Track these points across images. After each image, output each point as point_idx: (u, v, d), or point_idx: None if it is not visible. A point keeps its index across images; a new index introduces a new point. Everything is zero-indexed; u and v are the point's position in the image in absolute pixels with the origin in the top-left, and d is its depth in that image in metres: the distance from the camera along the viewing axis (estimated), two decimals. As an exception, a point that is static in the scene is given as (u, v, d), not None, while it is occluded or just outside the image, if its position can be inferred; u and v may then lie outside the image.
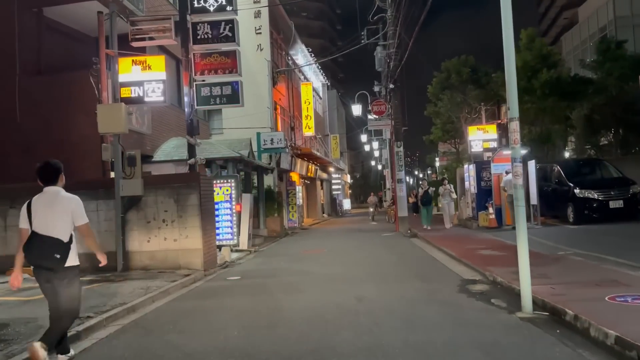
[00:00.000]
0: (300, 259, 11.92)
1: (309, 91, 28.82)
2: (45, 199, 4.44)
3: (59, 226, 4.36)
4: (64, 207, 4.42)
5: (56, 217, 4.37)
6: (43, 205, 4.41)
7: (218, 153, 15.46)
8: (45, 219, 4.35)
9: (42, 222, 4.35)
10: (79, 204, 4.53)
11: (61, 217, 4.38)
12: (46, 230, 4.33)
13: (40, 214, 4.37)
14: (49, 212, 4.38)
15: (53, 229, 4.34)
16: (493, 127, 18.64)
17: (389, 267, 9.96)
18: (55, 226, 4.34)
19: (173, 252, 10.45)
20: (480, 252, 11.10)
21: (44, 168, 4.51)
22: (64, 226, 4.38)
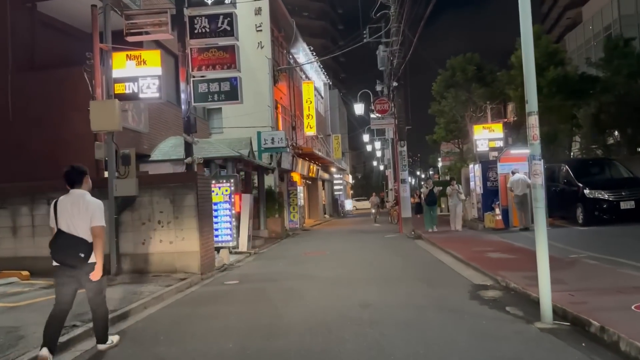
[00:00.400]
0: (301, 262, 11.50)
1: (310, 90, 28.38)
2: (71, 200, 4.74)
3: (83, 227, 4.65)
4: (87, 209, 4.70)
5: (80, 218, 4.66)
6: (68, 206, 4.70)
7: (217, 152, 15.04)
8: (70, 220, 4.64)
9: (67, 222, 4.65)
10: (99, 207, 4.84)
11: (84, 218, 4.66)
12: (71, 230, 4.62)
13: (65, 214, 4.66)
14: (75, 213, 4.66)
15: (78, 229, 4.64)
16: (499, 126, 18.16)
17: (394, 270, 9.52)
18: (79, 226, 4.64)
19: (169, 255, 10.03)
20: (488, 254, 10.67)
21: (70, 172, 4.85)
22: (87, 227, 4.67)
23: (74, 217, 4.67)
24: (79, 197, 4.78)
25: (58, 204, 4.75)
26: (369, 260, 11.19)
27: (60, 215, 4.69)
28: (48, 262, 10.40)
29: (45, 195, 10.53)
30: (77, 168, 4.91)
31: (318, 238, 18.94)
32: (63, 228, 4.66)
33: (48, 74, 12.53)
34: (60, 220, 4.68)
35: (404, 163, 19.64)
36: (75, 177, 4.86)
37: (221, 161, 15.05)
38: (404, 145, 19.67)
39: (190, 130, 10.70)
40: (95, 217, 4.74)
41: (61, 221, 4.67)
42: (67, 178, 4.86)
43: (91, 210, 4.72)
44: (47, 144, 12.29)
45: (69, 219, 4.66)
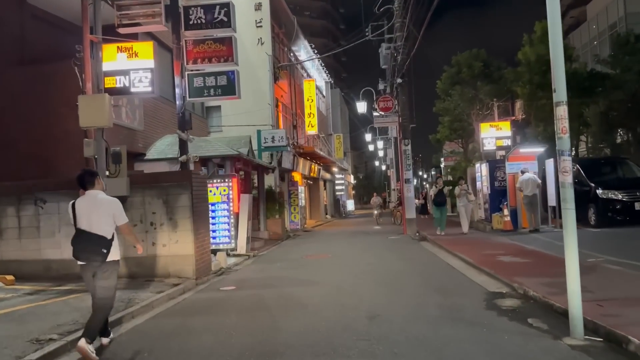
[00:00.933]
0: (302, 266, 10.93)
1: (312, 88, 27.79)
2: (87, 201, 4.99)
3: (103, 225, 4.89)
4: (105, 208, 4.96)
5: (100, 217, 4.90)
6: (86, 206, 4.94)
7: (215, 151, 14.48)
8: (89, 218, 4.87)
9: (87, 221, 4.88)
10: (118, 206, 5.08)
11: (104, 216, 4.91)
12: (91, 228, 4.86)
13: (84, 214, 4.89)
14: (93, 212, 4.90)
15: (97, 227, 4.87)
16: (507, 124, 17.55)
17: (401, 276, 8.94)
18: (99, 224, 4.87)
19: (162, 259, 9.47)
20: (500, 258, 10.10)
21: (82, 176, 5.13)
22: (106, 225, 4.92)
23: (92, 215, 4.90)
24: (94, 196, 5.03)
25: (76, 205, 5.00)
26: (374, 264, 10.61)
27: (80, 215, 4.92)
28: (35, 266, 9.92)
29: (33, 196, 10.00)
30: (88, 171, 5.29)
31: (320, 240, 18.36)
32: (83, 227, 4.91)
33: (38, 69, 12.00)
34: (79, 220, 4.92)
35: (408, 162, 19.07)
36: (87, 179, 5.10)
37: (219, 160, 14.48)
38: (408, 144, 19.09)
39: (185, 126, 10.14)
40: (117, 216, 5.03)
41: (81, 221, 4.92)
42: (79, 181, 5.12)
43: (112, 209, 5.00)
44: (36, 141, 11.76)
45: (88, 218, 4.90)
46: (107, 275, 4.99)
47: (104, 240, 4.88)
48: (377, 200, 27.96)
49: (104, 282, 4.98)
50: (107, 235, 4.92)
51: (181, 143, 10.25)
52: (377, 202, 27.74)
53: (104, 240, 4.88)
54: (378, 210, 27.09)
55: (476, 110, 20.35)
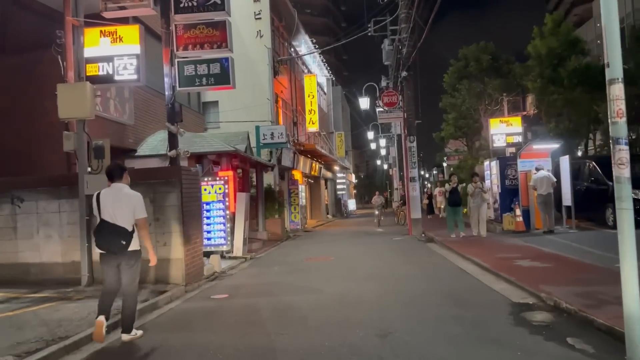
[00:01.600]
0: (302, 270, 10.09)
1: (312, 84, 26.93)
2: (112, 193, 5.18)
3: (124, 217, 5.07)
4: (127, 201, 5.13)
5: (122, 210, 5.08)
6: (110, 198, 5.13)
7: (210, 147, 13.65)
8: (112, 210, 5.05)
9: (110, 212, 5.06)
10: (140, 200, 5.27)
11: (126, 209, 5.09)
12: (114, 220, 5.04)
13: (108, 206, 5.08)
14: (116, 204, 5.08)
15: (119, 219, 5.05)
16: (518, 119, 16.69)
17: (411, 282, 8.10)
18: (121, 217, 5.05)
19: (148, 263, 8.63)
20: (517, 262, 9.28)
21: (113, 169, 5.37)
22: (127, 217, 5.09)
23: (115, 208, 5.09)
24: (120, 189, 5.23)
25: (101, 196, 5.18)
26: (380, 268, 9.78)
27: (104, 207, 5.12)
28: (11, 271, 9.06)
29: (10, 194, 9.19)
30: (119, 165, 5.48)
31: (321, 241, 17.53)
32: (106, 218, 5.09)
33: (19, 59, 11.18)
34: (103, 211, 5.11)
35: (414, 160, 18.23)
36: (117, 172, 5.32)
37: (214, 157, 13.66)
38: (414, 141, 18.25)
39: (175, 119, 9.31)
40: (137, 210, 5.21)
41: (104, 212, 5.11)
42: (109, 173, 5.36)
43: (133, 203, 5.18)
44: (17, 136, 10.95)
45: (111, 210, 5.08)
46: (132, 264, 5.29)
47: (125, 231, 5.09)
48: (379, 200, 25.63)
49: (129, 271, 5.27)
50: (127, 227, 5.13)
51: (170, 137, 9.42)
52: (378, 202, 25.46)
53: (124, 231, 5.09)
54: (379, 210, 24.98)
55: (484, 105, 19.46)
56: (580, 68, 18.10)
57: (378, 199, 25.65)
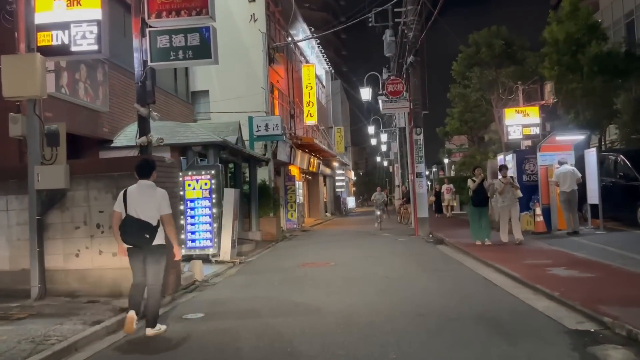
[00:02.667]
0: (297, 280, 8.62)
1: (311, 74, 25.43)
2: (139, 189, 5.43)
3: (149, 212, 5.29)
4: (153, 197, 5.39)
5: (147, 205, 5.32)
6: (137, 194, 5.39)
7: (195, 137, 12.18)
8: (138, 206, 5.29)
9: (135, 207, 5.29)
10: (165, 197, 5.50)
11: (151, 205, 5.33)
12: (139, 215, 5.26)
13: (134, 201, 5.31)
14: (142, 200, 5.33)
15: (144, 214, 5.28)
16: (535, 109, 15.21)
17: (432, 298, 6.62)
18: (145, 212, 5.28)
19: (112, 272, 7.19)
20: (551, 271, 7.85)
21: (141, 165, 5.61)
22: (152, 213, 5.31)
23: (141, 203, 5.28)
24: (146, 186, 5.45)
25: (127, 193, 5.38)
26: (390, 279, 8.31)
27: (130, 202, 5.30)
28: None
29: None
30: (147, 163, 5.63)
31: (319, 241, 16.07)
32: (131, 213, 5.26)
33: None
34: (129, 207, 5.28)
35: (420, 154, 16.76)
36: (145, 171, 5.52)
37: (200, 148, 12.18)
38: (420, 133, 16.78)
39: (147, 99, 7.84)
40: (162, 206, 5.38)
41: (130, 207, 5.28)
42: (138, 170, 5.52)
43: (158, 200, 5.38)
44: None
45: (136, 206, 5.28)
46: (156, 259, 5.39)
47: (149, 226, 5.24)
48: (380, 197, 20.56)
49: (154, 266, 5.38)
50: (152, 221, 5.28)
51: (141, 121, 7.95)
52: (380, 200, 20.47)
53: (148, 226, 5.24)
54: (381, 209, 20.17)
55: (497, 94, 17.96)
56: (602, 55, 16.65)
57: (379, 195, 20.78)
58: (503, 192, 11.42)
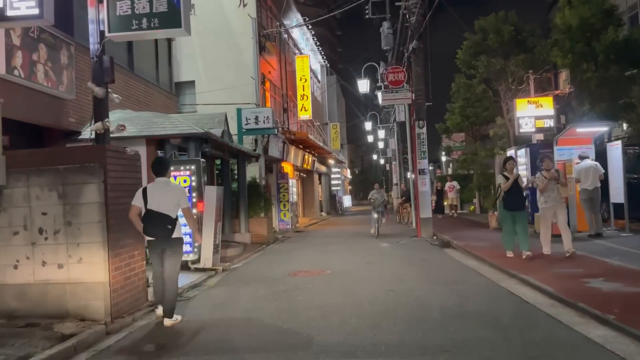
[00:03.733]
0: (287, 294, 7.28)
1: (305, 66, 24.09)
2: (158, 186, 5.84)
3: (168, 206, 5.71)
4: (172, 193, 5.84)
5: (166, 199, 5.72)
6: (156, 190, 5.77)
7: (174, 128, 10.84)
8: (158, 201, 5.68)
9: (156, 202, 5.66)
10: (183, 192, 6.11)
11: (170, 199, 5.75)
12: (159, 208, 5.65)
13: (154, 197, 5.70)
14: (162, 195, 5.72)
15: (165, 207, 5.68)
16: (549, 100, 13.94)
17: (453, 323, 5.25)
18: (165, 205, 5.69)
19: (58, 288, 5.86)
20: (589, 283, 6.61)
21: (157, 164, 6.04)
22: (172, 206, 5.74)
23: (161, 198, 5.70)
24: (164, 183, 5.91)
25: (147, 189, 5.79)
26: (397, 293, 6.98)
27: (150, 198, 5.69)
28: None
29: None
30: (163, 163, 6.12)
31: (314, 244, 14.75)
32: (153, 207, 5.66)
33: None
34: (150, 202, 5.67)
35: (423, 149, 15.49)
36: (161, 169, 5.96)
37: (180, 141, 10.83)
38: (423, 126, 15.51)
39: (104, 78, 6.49)
40: (181, 200, 5.86)
41: (151, 202, 5.67)
42: (155, 169, 5.98)
43: (177, 195, 5.86)
44: None
45: (158, 200, 5.67)
46: (174, 251, 5.77)
47: (169, 218, 5.67)
48: (379, 196, 16.51)
49: (172, 258, 5.74)
50: (171, 214, 5.70)
51: (96, 104, 6.59)
52: (379, 200, 16.35)
53: (169, 218, 5.67)
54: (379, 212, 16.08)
55: (507, 84, 16.63)
56: (618, 42, 15.39)
57: (377, 194, 16.60)
58: (546, 189, 9.04)
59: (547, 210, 9.22)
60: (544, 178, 9.11)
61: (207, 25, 17.45)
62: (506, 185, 9.12)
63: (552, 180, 9.07)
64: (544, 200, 9.20)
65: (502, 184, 9.23)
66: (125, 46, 13.54)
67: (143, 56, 14.47)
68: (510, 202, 9.20)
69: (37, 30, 9.04)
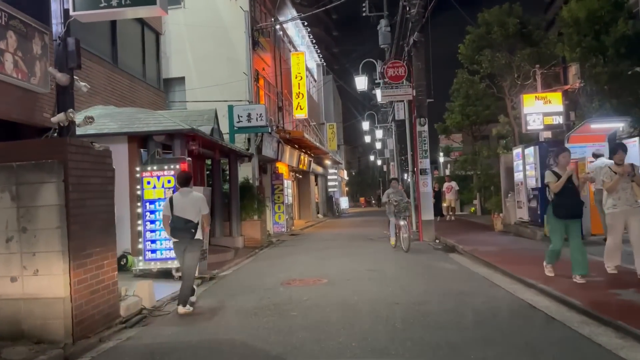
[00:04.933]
0: (278, 309, 6.46)
1: (300, 63, 23.28)
2: (183, 195, 6.72)
3: (192, 213, 6.57)
4: (195, 202, 6.65)
5: (190, 207, 6.60)
6: (181, 199, 6.65)
7: (158, 125, 10.03)
8: (183, 208, 6.58)
9: (181, 210, 6.56)
10: (204, 200, 6.77)
11: (193, 207, 6.61)
12: (184, 215, 6.53)
13: (179, 205, 6.60)
14: (186, 204, 6.61)
15: (189, 213, 6.55)
16: (557, 95, 13.19)
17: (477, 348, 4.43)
18: (189, 212, 6.56)
19: (10, 304, 5.05)
20: (621, 296, 5.83)
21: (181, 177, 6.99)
22: (195, 212, 6.59)
23: (186, 206, 6.58)
24: (188, 192, 6.76)
25: (173, 198, 6.70)
26: (403, 306, 6.19)
27: (176, 206, 6.59)
28: None
29: None
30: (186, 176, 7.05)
31: (310, 248, 13.95)
32: (179, 214, 6.53)
33: None
34: (176, 209, 6.57)
35: (425, 147, 14.73)
36: (184, 181, 6.86)
37: (164, 138, 10.02)
38: (425, 124, 14.75)
39: (68, 62, 5.68)
40: (202, 208, 6.68)
41: (177, 209, 6.56)
42: (180, 181, 6.92)
43: (199, 204, 6.66)
44: None
45: (183, 208, 6.57)
46: (194, 248, 6.63)
47: (193, 223, 6.52)
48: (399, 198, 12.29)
49: (191, 254, 6.61)
50: (194, 220, 6.55)
51: (59, 92, 5.79)
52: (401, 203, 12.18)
53: (192, 223, 6.52)
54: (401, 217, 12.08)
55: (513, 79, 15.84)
56: (629, 35, 14.66)
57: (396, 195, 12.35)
58: (615, 188, 6.88)
59: (616, 215, 6.92)
60: (613, 173, 6.97)
61: (197, 19, 16.67)
62: (558, 184, 6.78)
63: (625, 175, 6.85)
64: (613, 204, 6.96)
65: (552, 184, 6.88)
66: (108, 38, 12.75)
67: (128, 49, 13.67)
68: (562, 208, 6.84)
69: (4, 17, 8.26)
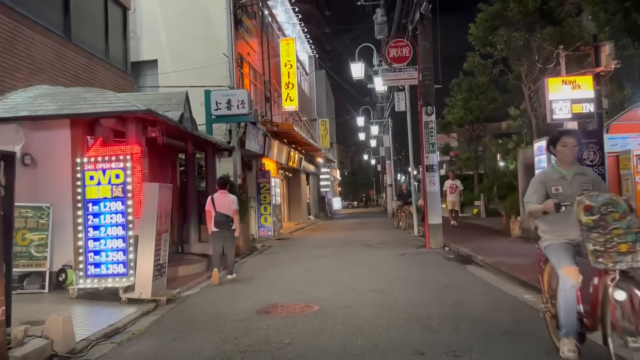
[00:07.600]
0: (247, 358, 4.47)
1: (291, 50, 21.23)
2: (221, 195, 8.78)
3: (228, 210, 8.64)
4: (229, 201, 8.73)
5: (227, 205, 8.65)
6: (219, 198, 8.68)
7: (107, 106, 7.97)
8: (223, 205, 8.61)
9: (222, 206, 8.59)
10: (235, 200, 8.90)
11: (228, 205, 8.67)
12: (224, 211, 8.58)
13: (219, 203, 8.61)
14: (223, 202, 8.64)
15: (227, 210, 8.63)
16: (588, 79, 11.16)
17: None
18: (227, 209, 8.63)
19: None
20: None
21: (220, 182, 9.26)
22: (229, 210, 8.64)
23: (224, 204, 8.63)
24: (225, 194, 8.84)
25: (215, 198, 8.71)
26: (428, 357, 4.22)
27: (217, 203, 8.60)
28: None
29: None
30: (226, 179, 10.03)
31: (299, 258, 11.95)
32: (220, 210, 8.57)
33: None
34: (217, 206, 8.58)
35: (432, 140, 12.79)
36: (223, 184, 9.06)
37: (114, 122, 7.98)
38: (432, 113, 12.82)
39: None
40: (233, 206, 8.76)
41: (219, 207, 8.59)
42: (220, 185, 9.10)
43: (233, 202, 8.79)
44: None
45: (222, 205, 8.60)
46: (231, 236, 8.77)
47: (230, 218, 8.63)
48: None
49: (230, 240, 8.79)
50: (231, 214, 8.65)
51: None
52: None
53: (230, 218, 8.63)
54: None
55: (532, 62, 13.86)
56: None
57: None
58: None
59: None
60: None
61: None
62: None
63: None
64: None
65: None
66: (59, 6, 10.68)
67: (86, 23, 11.61)
68: None
69: None
